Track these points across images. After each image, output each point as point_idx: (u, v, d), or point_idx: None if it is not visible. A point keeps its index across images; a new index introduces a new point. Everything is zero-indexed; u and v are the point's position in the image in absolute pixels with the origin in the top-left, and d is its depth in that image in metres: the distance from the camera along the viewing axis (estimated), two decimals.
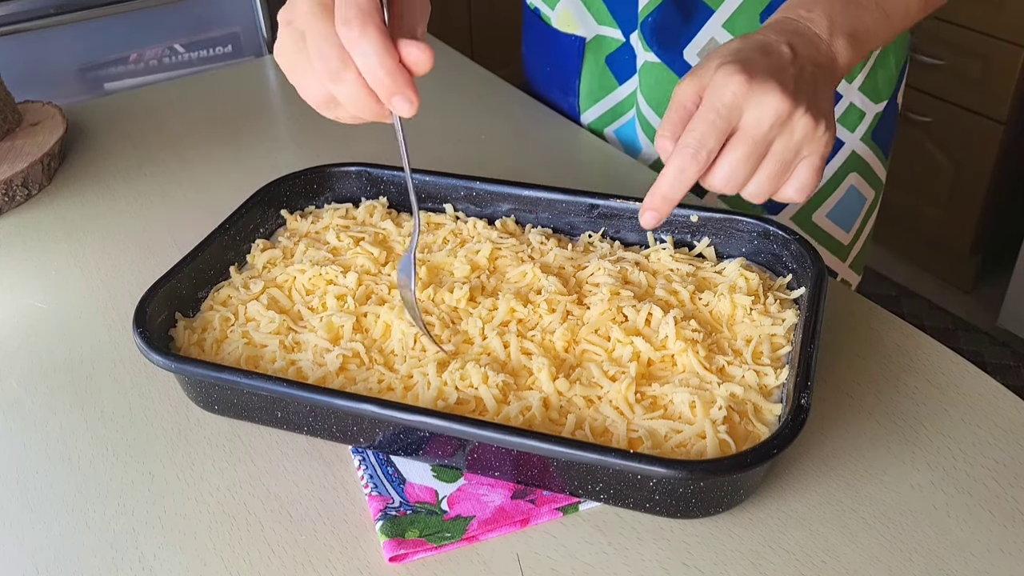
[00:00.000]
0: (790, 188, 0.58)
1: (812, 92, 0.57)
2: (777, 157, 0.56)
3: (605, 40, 0.96)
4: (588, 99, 1.01)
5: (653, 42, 0.89)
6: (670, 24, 0.87)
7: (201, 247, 0.72)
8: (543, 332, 0.65)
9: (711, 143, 0.55)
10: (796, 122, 0.56)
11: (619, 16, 0.93)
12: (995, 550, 0.54)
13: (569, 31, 0.98)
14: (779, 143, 0.56)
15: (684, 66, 0.89)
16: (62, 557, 0.57)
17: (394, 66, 0.53)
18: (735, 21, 0.86)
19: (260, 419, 0.63)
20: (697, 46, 0.88)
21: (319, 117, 1.08)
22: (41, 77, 1.80)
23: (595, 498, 0.57)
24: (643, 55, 0.91)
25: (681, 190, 0.57)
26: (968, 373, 0.67)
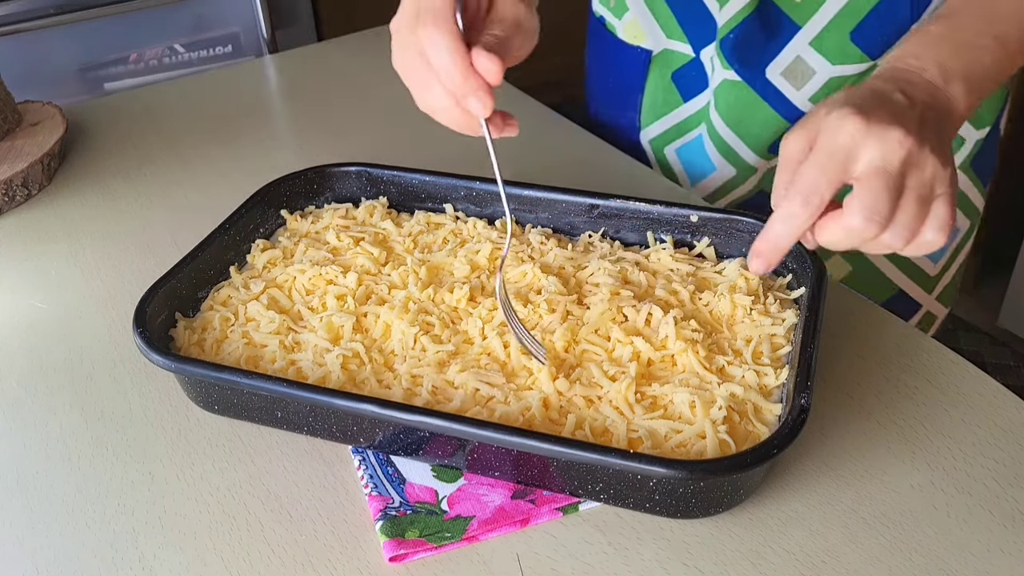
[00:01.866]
0: (929, 229, 0.52)
1: (935, 134, 0.52)
2: (914, 193, 0.51)
3: (673, 55, 0.91)
4: (650, 115, 0.96)
5: (734, 59, 0.84)
6: (753, 41, 0.83)
7: (201, 247, 0.72)
8: (543, 332, 0.65)
9: (824, 188, 0.51)
10: (926, 158, 0.51)
11: (691, 30, 0.88)
12: (995, 550, 0.54)
13: (635, 43, 0.94)
14: (913, 179, 0.51)
15: (766, 85, 0.84)
16: (62, 557, 0.57)
17: (465, 68, 0.54)
18: (824, 39, 0.81)
19: (260, 419, 0.63)
20: (781, 64, 0.83)
21: (319, 117, 1.08)
22: (41, 77, 1.80)
23: (595, 498, 0.57)
24: (721, 73, 0.86)
25: (790, 238, 0.53)
26: (968, 373, 0.67)
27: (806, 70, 0.82)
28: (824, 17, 0.80)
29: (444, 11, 0.54)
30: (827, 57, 0.81)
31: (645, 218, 0.75)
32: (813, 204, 0.51)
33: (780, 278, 0.71)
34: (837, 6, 0.80)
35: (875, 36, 0.80)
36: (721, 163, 0.91)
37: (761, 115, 0.86)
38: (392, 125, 1.07)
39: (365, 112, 1.10)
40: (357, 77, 1.19)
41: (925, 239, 0.52)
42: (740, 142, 0.88)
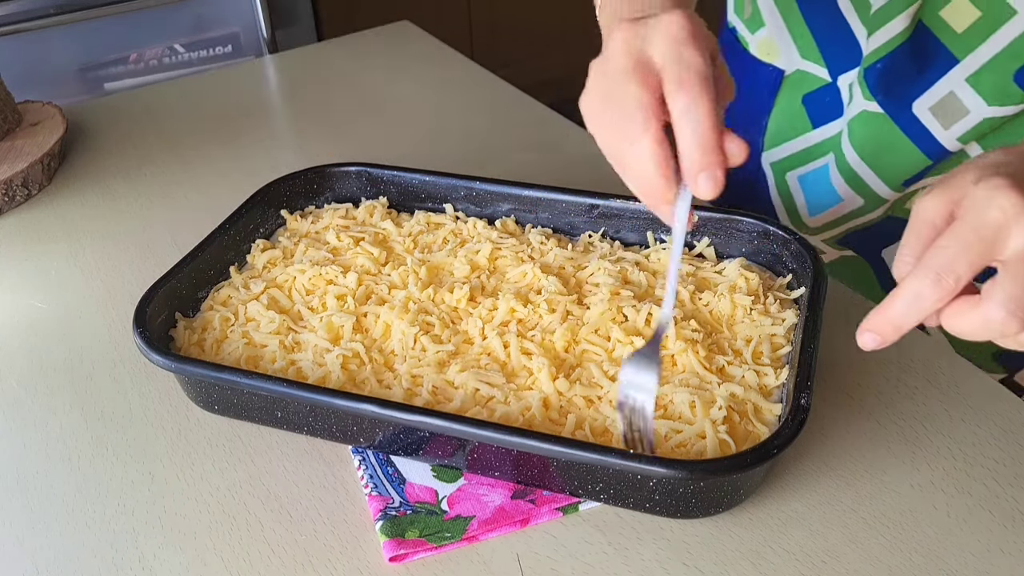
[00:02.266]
0: None
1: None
2: None
3: (807, 77, 0.83)
4: (775, 138, 0.88)
5: (878, 90, 0.76)
6: (902, 72, 0.75)
7: (201, 247, 0.72)
8: (543, 332, 0.65)
9: (962, 268, 0.44)
10: None
11: (830, 54, 0.81)
12: (995, 550, 0.54)
13: (767, 60, 0.87)
14: None
15: (911, 120, 0.76)
16: (62, 557, 0.57)
17: (716, 144, 0.49)
18: (982, 76, 0.72)
19: (260, 419, 0.63)
20: (931, 99, 0.75)
21: (319, 117, 1.08)
22: (41, 77, 1.80)
23: (595, 498, 0.57)
24: (861, 103, 0.77)
25: (913, 320, 0.46)
26: (968, 373, 0.67)
27: (958, 108, 0.74)
28: (987, 52, 0.72)
29: (710, 76, 0.49)
30: (983, 96, 0.72)
31: (645, 218, 0.75)
32: (947, 286, 0.44)
33: (780, 278, 0.71)
34: (1004, 41, 0.71)
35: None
36: (848, 195, 0.83)
37: (901, 151, 0.78)
38: (392, 125, 1.07)
39: (365, 112, 1.10)
40: (357, 77, 1.19)
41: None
42: (873, 175, 0.80)
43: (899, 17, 0.71)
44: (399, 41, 1.29)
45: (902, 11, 0.71)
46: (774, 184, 0.90)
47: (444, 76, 1.19)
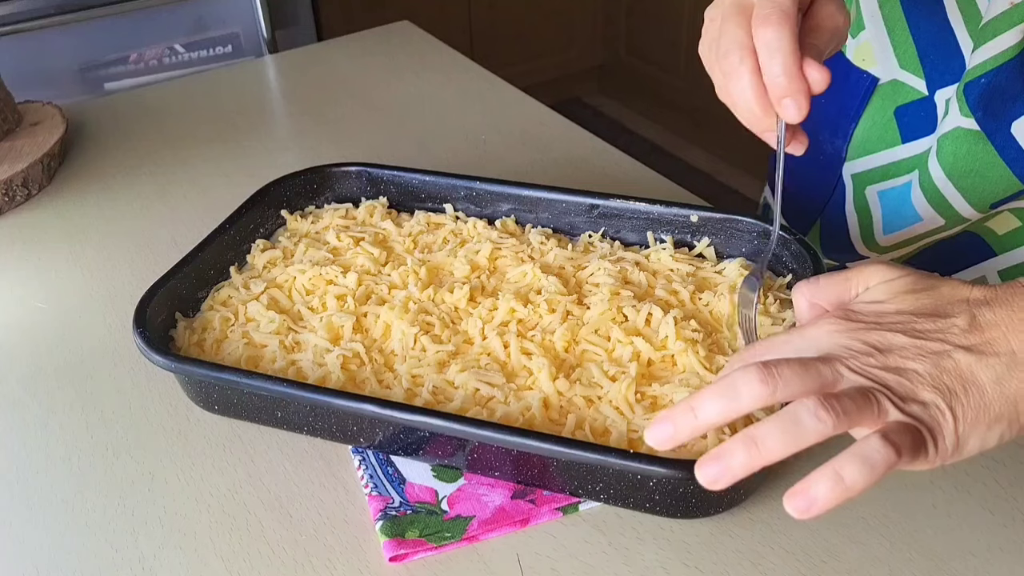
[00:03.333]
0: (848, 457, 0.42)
1: (950, 379, 0.44)
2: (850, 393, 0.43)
3: (902, 87, 0.78)
4: (860, 149, 0.83)
5: (978, 107, 0.71)
6: (1006, 90, 0.70)
7: (201, 247, 0.72)
8: (543, 332, 0.65)
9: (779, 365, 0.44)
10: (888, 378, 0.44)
11: (930, 66, 0.76)
12: (995, 550, 0.54)
13: (863, 67, 0.81)
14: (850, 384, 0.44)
15: (1008, 141, 0.71)
16: (62, 557, 0.57)
17: (796, 70, 0.53)
18: None
19: (260, 419, 0.63)
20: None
21: (319, 117, 1.08)
22: (41, 77, 1.80)
23: (595, 498, 0.57)
24: (956, 119, 0.73)
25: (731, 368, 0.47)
26: None
27: None
28: None
29: (791, 11, 0.53)
30: None
31: (645, 218, 0.76)
32: (768, 375, 0.44)
33: (780, 278, 0.71)
34: None
35: None
36: (929, 214, 0.78)
37: (994, 173, 0.73)
38: (392, 125, 1.07)
39: (365, 112, 1.10)
40: (357, 77, 1.19)
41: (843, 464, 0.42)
42: (959, 196, 0.75)
43: (1010, 32, 0.68)
44: (399, 41, 1.29)
45: (1014, 25, 0.67)
46: (852, 197, 0.85)
47: (444, 76, 1.19)
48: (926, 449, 0.44)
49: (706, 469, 0.43)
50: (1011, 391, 0.44)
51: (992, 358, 0.44)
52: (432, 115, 1.09)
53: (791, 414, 0.43)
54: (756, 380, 0.43)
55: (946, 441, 0.44)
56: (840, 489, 0.42)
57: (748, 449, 0.43)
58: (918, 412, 0.44)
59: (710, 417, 0.44)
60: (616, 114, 2.98)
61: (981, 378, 0.44)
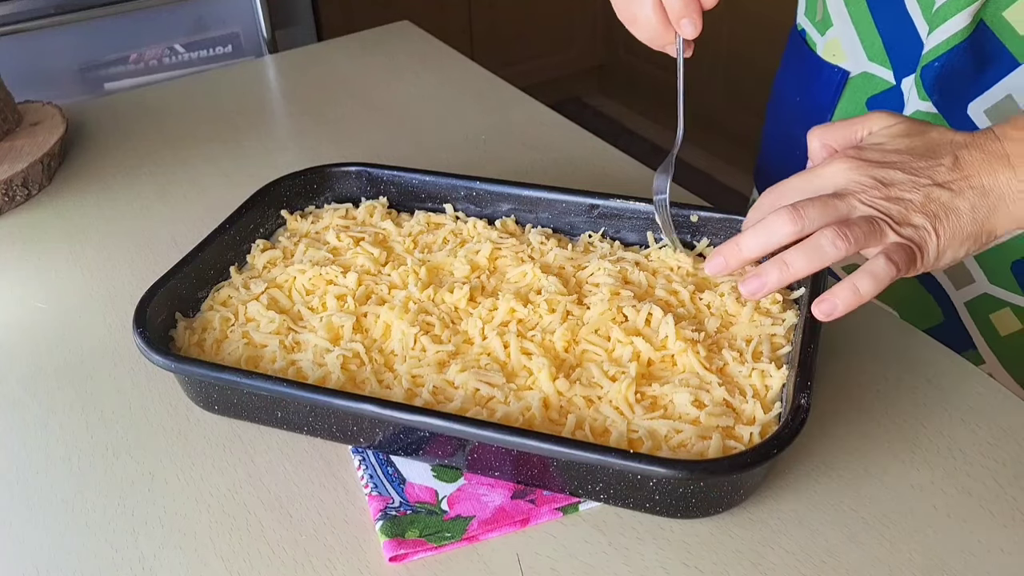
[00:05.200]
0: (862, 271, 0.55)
1: (936, 207, 0.56)
2: (862, 222, 0.55)
3: (872, 79, 0.83)
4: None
5: (934, 90, 0.75)
6: (959, 72, 0.74)
7: (201, 247, 0.72)
8: (543, 332, 0.65)
9: (792, 196, 0.59)
10: (893, 210, 0.56)
11: (896, 56, 0.80)
12: (995, 550, 0.54)
13: (834, 62, 0.86)
14: (860, 215, 0.55)
15: (965, 122, 0.75)
16: (62, 557, 0.57)
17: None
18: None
19: (260, 419, 0.63)
20: (987, 101, 0.74)
21: (319, 117, 1.08)
22: (41, 77, 1.80)
23: (595, 498, 0.57)
24: (916, 103, 0.77)
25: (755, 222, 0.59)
26: (968, 373, 0.67)
27: (1015, 112, 0.73)
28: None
29: None
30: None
31: (645, 218, 0.75)
32: (778, 201, 0.59)
33: None
34: None
35: None
36: None
37: None
38: (392, 125, 1.07)
39: (365, 112, 1.10)
40: (357, 77, 1.19)
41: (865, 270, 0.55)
42: None
43: (959, 15, 0.70)
44: (399, 41, 1.29)
45: (963, 9, 0.70)
46: None
47: (444, 76, 1.19)
48: (915, 262, 0.55)
49: (749, 283, 0.57)
50: (981, 216, 0.56)
51: (969, 191, 0.56)
52: (432, 115, 1.09)
53: (815, 242, 0.55)
54: (788, 220, 0.56)
55: (930, 255, 0.56)
56: (856, 297, 0.55)
57: (780, 269, 0.56)
58: (911, 234, 0.55)
59: (753, 250, 0.58)
60: (616, 114, 2.98)
61: (960, 206, 0.56)
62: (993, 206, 0.56)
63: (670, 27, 0.67)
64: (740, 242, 0.58)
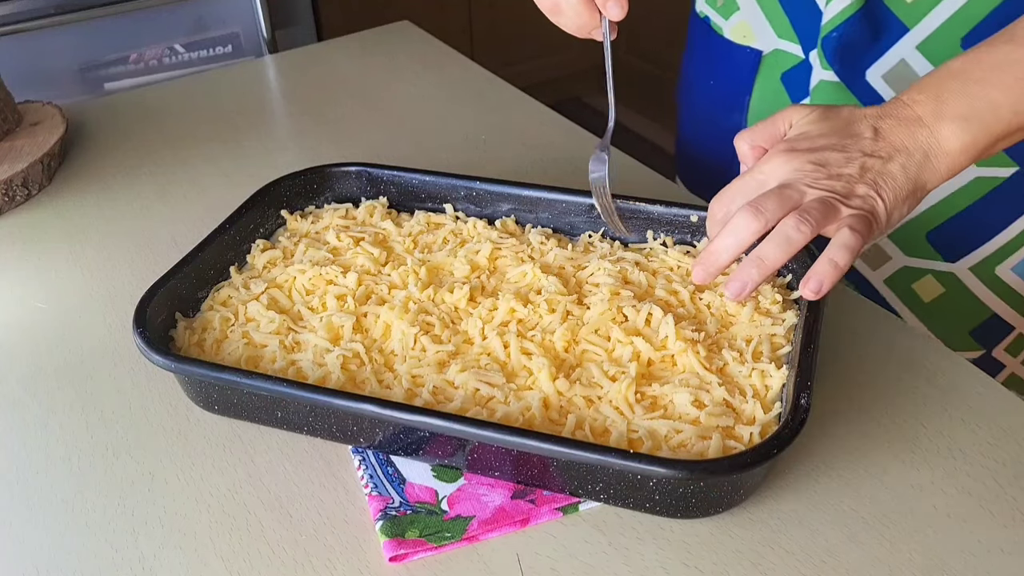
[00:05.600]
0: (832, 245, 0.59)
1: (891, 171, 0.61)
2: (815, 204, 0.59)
3: (783, 55, 0.87)
4: (757, 118, 0.91)
5: (834, 59, 0.80)
6: (856, 41, 0.79)
7: (201, 247, 0.72)
8: (543, 332, 0.65)
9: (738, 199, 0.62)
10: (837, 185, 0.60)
11: (801, 30, 0.85)
12: (995, 550, 0.54)
13: (744, 43, 0.90)
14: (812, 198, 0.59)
15: (865, 88, 0.80)
16: (62, 557, 0.57)
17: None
18: (932, 43, 0.76)
19: (260, 419, 0.63)
20: (883, 67, 0.79)
21: (319, 117, 1.08)
22: (41, 77, 1.80)
23: (595, 498, 0.57)
24: (820, 73, 0.82)
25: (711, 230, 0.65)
26: (968, 373, 0.67)
27: (910, 75, 0.78)
28: (936, 20, 0.76)
29: None
30: (934, 62, 0.77)
31: (645, 218, 0.75)
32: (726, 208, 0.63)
33: (780, 278, 0.71)
34: (951, 8, 0.75)
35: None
36: None
37: None
38: (392, 125, 1.07)
39: (365, 112, 1.10)
40: (357, 77, 1.19)
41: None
42: None
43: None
44: (399, 41, 1.29)
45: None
46: None
47: (444, 76, 1.19)
48: (872, 227, 0.60)
49: (731, 287, 0.61)
50: (912, 174, 0.61)
51: (896, 155, 0.61)
52: (432, 115, 1.09)
53: (781, 233, 0.59)
54: (751, 218, 0.59)
55: (881, 218, 0.61)
56: (836, 270, 0.58)
57: (758, 265, 0.60)
58: (860, 204, 0.60)
59: (728, 253, 0.61)
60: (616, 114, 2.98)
61: (892, 170, 0.61)
62: (920, 163, 0.61)
63: (595, 11, 0.68)
64: (713, 249, 0.62)
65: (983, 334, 0.86)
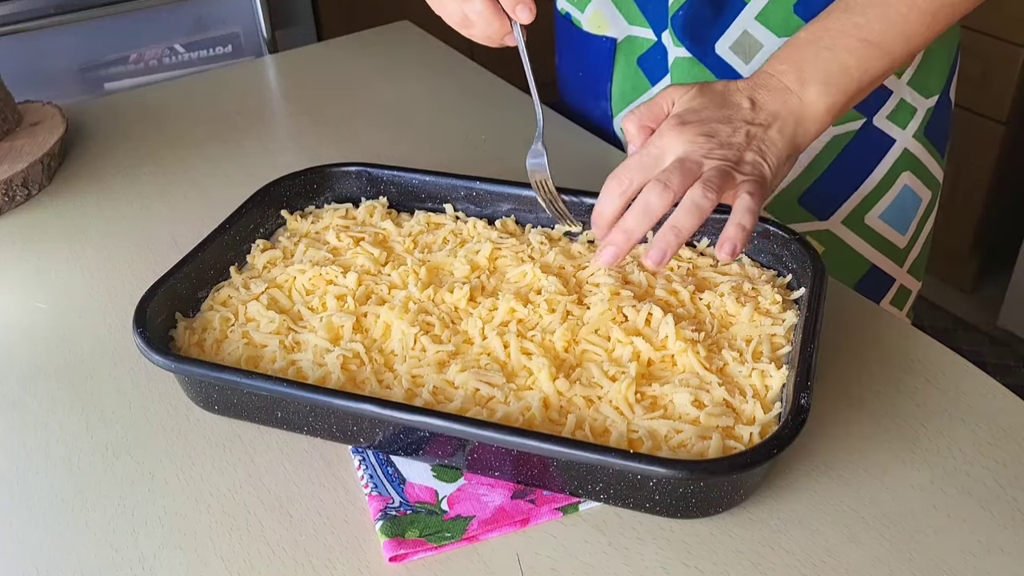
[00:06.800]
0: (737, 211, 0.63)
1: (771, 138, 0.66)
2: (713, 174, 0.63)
3: (636, 40, 0.94)
4: (620, 102, 0.99)
5: (684, 36, 0.87)
6: (701, 17, 0.86)
7: (201, 247, 0.72)
8: (543, 332, 0.65)
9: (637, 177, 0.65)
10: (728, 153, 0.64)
11: (650, 14, 0.91)
12: (995, 550, 0.54)
13: (600, 33, 0.97)
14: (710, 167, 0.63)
15: (716, 60, 0.87)
16: (62, 557, 0.57)
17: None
18: (768, 14, 0.84)
19: (260, 419, 0.63)
20: (729, 39, 0.86)
21: (319, 117, 1.08)
22: (41, 77, 1.80)
23: (595, 498, 0.57)
24: (674, 51, 0.89)
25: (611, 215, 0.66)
26: (968, 373, 0.67)
27: (753, 44, 0.85)
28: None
29: None
30: (772, 30, 0.84)
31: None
32: (625, 185, 0.65)
33: (780, 278, 0.71)
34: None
35: (817, 8, 0.80)
36: None
37: None
38: (392, 125, 1.07)
39: (365, 112, 1.10)
40: (357, 77, 1.19)
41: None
42: None
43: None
44: (399, 41, 1.29)
45: None
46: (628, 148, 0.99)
47: (444, 76, 1.19)
48: (763, 188, 0.64)
49: (652, 256, 0.62)
50: (788, 137, 0.67)
51: (774, 121, 0.67)
52: (432, 115, 1.09)
53: (691, 201, 0.62)
54: (661, 193, 0.63)
55: (769, 179, 0.65)
56: (745, 232, 0.62)
57: (675, 233, 0.62)
58: (751, 169, 0.64)
59: (640, 230, 0.64)
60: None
61: (772, 135, 0.66)
62: (794, 127, 0.67)
63: (505, 18, 0.70)
64: (624, 228, 0.64)
65: (868, 288, 0.93)
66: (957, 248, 2.22)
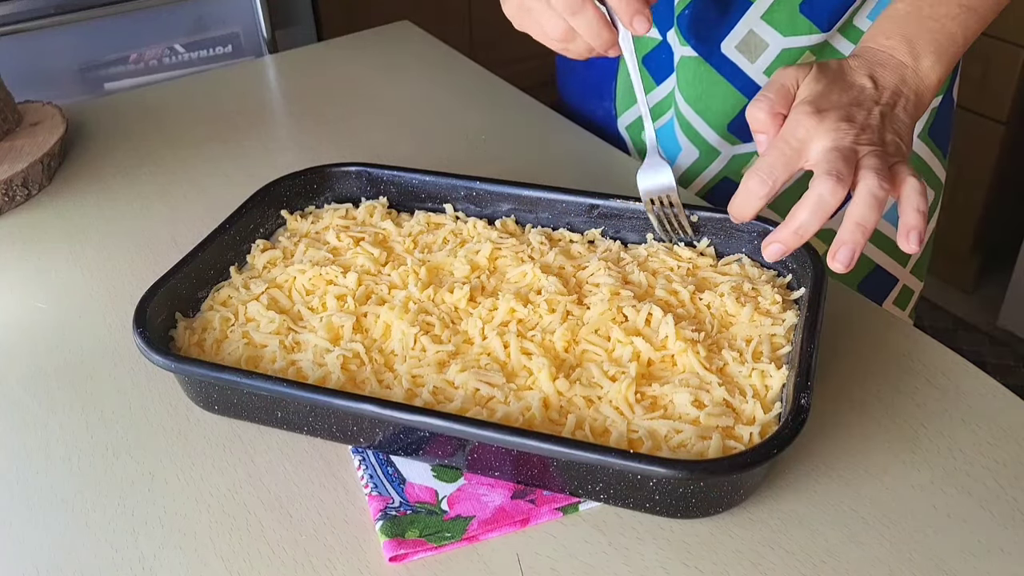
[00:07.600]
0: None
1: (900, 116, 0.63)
2: (871, 160, 0.59)
3: (642, 39, 0.93)
4: (624, 102, 0.98)
5: (690, 35, 0.86)
6: (707, 16, 0.85)
7: (201, 247, 0.72)
8: (543, 332, 0.65)
9: (779, 170, 0.61)
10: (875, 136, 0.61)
11: (657, 13, 0.90)
12: (995, 550, 0.54)
13: None
14: (865, 152, 0.60)
15: (722, 59, 0.86)
16: (62, 557, 0.57)
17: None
18: (774, 13, 0.83)
19: (260, 419, 0.63)
20: (735, 38, 0.85)
21: (319, 117, 1.08)
22: (41, 77, 1.80)
23: (595, 498, 0.57)
24: (680, 50, 0.88)
25: (751, 211, 0.63)
26: (968, 373, 0.67)
27: (759, 43, 0.85)
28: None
29: None
30: (778, 30, 0.84)
31: (645, 218, 0.75)
32: (769, 184, 0.61)
33: (780, 278, 0.71)
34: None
35: (823, 8, 0.81)
36: (686, 144, 0.93)
37: (719, 91, 0.88)
38: (392, 125, 1.07)
39: (365, 112, 1.10)
40: (357, 77, 1.19)
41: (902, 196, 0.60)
42: (701, 120, 0.90)
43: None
44: (399, 41, 1.29)
45: None
46: (633, 148, 1.01)
47: (444, 76, 1.19)
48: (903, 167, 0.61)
49: (841, 257, 0.59)
50: (911, 114, 0.65)
51: (898, 99, 0.64)
52: (432, 115, 1.09)
53: (870, 195, 0.58)
54: (836, 186, 0.58)
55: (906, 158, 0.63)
56: (925, 217, 0.59)
57: (862, 231, 0.58)
58: (894, 150, 0.62)
59: (814, 227, 0.60)
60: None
61: (899, 114, 0.64)
62: (916, 103, 0.65)
63: (612, 29, 0.67)
64: (795, 227, 0.60)
65: (871, 288, 0.92)
66: (957, 248, 2.22)
